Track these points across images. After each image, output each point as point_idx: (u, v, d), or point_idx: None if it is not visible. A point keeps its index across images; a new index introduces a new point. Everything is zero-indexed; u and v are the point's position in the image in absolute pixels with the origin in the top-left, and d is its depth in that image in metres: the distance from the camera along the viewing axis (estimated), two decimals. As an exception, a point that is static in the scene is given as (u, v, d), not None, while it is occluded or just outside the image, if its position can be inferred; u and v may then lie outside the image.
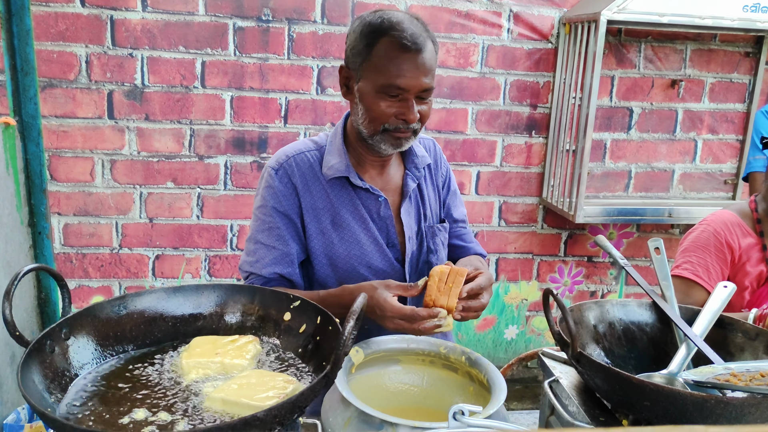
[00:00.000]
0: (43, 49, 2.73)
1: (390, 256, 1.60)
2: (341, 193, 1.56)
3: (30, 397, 0.86)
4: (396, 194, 1.64)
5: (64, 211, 2.92)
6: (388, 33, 1.41)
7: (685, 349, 1.27)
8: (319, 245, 1.56)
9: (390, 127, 1.47)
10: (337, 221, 1.56)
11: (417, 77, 1.42)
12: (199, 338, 1.14)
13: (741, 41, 3.28)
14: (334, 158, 1.56)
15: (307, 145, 1.61)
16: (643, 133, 3.35)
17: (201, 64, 2.89)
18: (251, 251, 1.57)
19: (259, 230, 1.57)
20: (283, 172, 1.56)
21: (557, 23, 3.13)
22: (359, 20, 1.48)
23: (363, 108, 1.48)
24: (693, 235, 1.92)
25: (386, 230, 1.60)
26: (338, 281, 1.56)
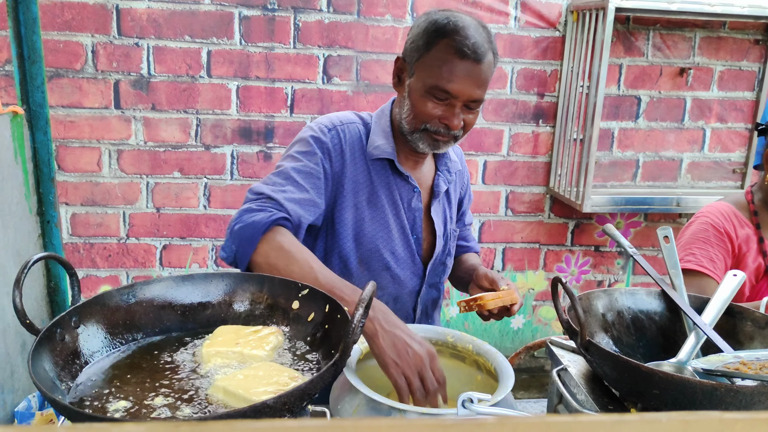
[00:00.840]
0: (50, 38, 2.73)
1: (413, 248, 1.60)
2: (381, 174, 1.55)
3: (41, 384, 0.87)
4: (426, 192, 1.64)
5: (71, 201, 2.93)
6: (450, 35, 1.39)
7: (695, 337, 1.27)
8: (349, 218, 1.53)
9: (431, 128, 1.46)
10: (373, 200, 1.55)
11: (469, 86, 1.40)
12: (223, 327, 1.14)
13: (750, 29, 3.25)
14: (380, 139, 1.54)
15: (353, 117, 1.58)
16: (651, 121, 3.33)
17: (207, 53, 2.88)
18: (278, 182, 1.45)
19: (296, 170, 1.46)
20: (335, 133, 1.52)
21: (565, 11, 3.10)
22: (426, 16, 1.46)
23: (409, 103, 1.47)
24: (691, 228, 1.88)
25: (413, 221, 1.60)
26: (359, 259, 1.55)
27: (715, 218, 1.85)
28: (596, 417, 0.40)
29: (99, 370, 1.03)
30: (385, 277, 1.58)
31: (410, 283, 1.62)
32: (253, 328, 1.13)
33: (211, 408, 0.94)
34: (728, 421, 0.41)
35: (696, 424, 0.41)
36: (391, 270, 1.58)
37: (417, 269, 1.62)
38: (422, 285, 1.65)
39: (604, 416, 0.40)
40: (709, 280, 1.77)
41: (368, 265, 1.56)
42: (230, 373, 1.01)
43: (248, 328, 1.13)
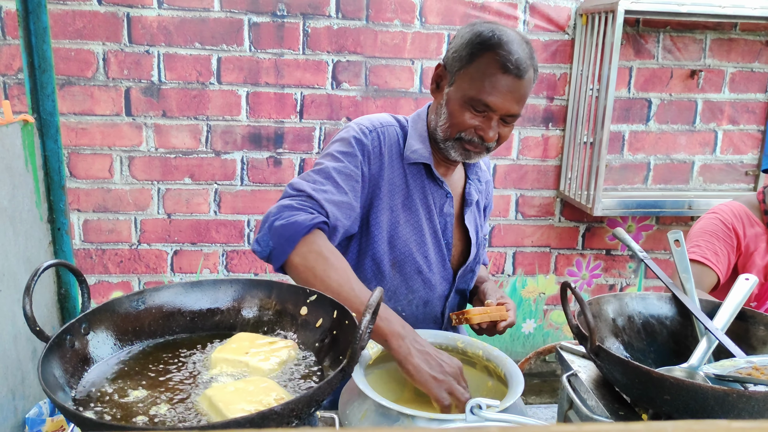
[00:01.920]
0: (61, 47, 2.76)
1: (444, 253, 1.61)
2: (417, 178, 1.56)
3: (50, 391, 0.87)
4: (457, 199, 1.66)
5: (83, 207, 2.95)
6: (494, 49, 1.40)
7: (706, 342, 1.26)
8: (385, 220, 1.53)
9: (465, 138, 1.47)
10: (408, 203, 1.55)
11: (508, 101, 1.41)
12: (242, 334, 1.14)
13: (762, 30, 3.23)
14: (417, 143, 1.55)
15: (391, 120, 1.59)
16: (662, 124, 3.31)
17: (217, 60, 2.90)
18: (319, 181, 1.43)
19: (337, 170, 1.45)
20: (376, 135, 1.52)
21: (574, 14, 3.10)
22: (470, 27, 1.47)
23: (446, 111, 1.48)
24: (700, 223, 1.94)
25: (444, 227, 1.61)
26: (392, 262, 1.56)
27: (724, 215, 1.91)
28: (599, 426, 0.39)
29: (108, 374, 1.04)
30: (417, 281, 1.59)
31: (440, 287, 1.63)
32: (269, 339, 1.11)
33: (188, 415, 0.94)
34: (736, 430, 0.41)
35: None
36: (423, 274, 1.59)
37: (447, 274, 1.64)
38: (451, 290, 1.66)
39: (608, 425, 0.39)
40: (709, 272, 1.83)
41: (401, 268, 1.57)
42: (226, 383, 1.00)
43: (265, 338, 1.12)
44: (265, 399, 0.93)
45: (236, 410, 0.90)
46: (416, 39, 3.00)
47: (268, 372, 1.03)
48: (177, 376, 1.04)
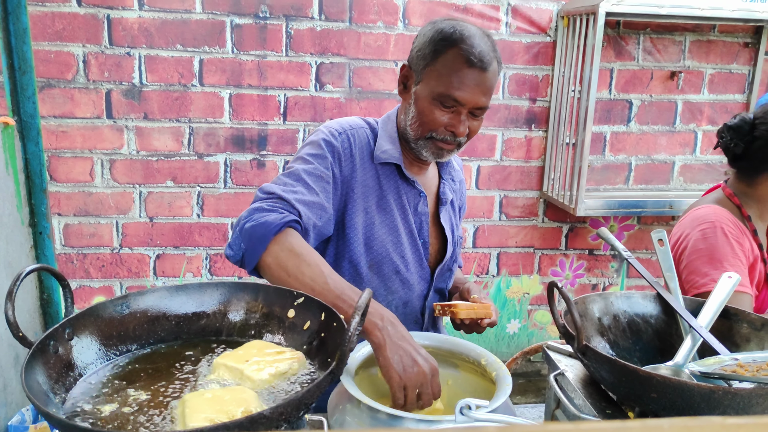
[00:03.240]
0: (41, 49, 2.72)
1: (421, 252, 1.62)
2: (389, 179, 1.57)
3: (34, 397, 0.86)
4: (431, 198, 1.67)
5: (64, 211, 2.91)
6: (457, 44, 1.42)
7: (691, 340, 1.27)
8: (359, 222, 1.54)
9: (437, 137, 1.48)
10: (382, 204, 1.56)
11: (476, 94, 1.43)
12: (254, 342, 1.12)
13: (740, 31, 3.27)
14: (387, 144, 1.56)
15: (361, 123, 1.60)
16: (643, 125, 3.34)
17: (199, 62, 2.88)
18: (289, 183, 1.44)
19: (307, 172, 1.46)
20: (346, 137, 1.53)
21: (555, 16, 3.12)
22: (432, 25, 1.48)
23: (415, 111, 1.49)
24: (708, 241, 1.72)
25: (420, 226, 1.61)
26: (370, 263, 1.56)
27: (729, 229, 1.73)
28: (597, 424, 0.39)
29: (96, 381, 1.02)
30: (395, 281, 1.59)
31: (418, 287, 1.64)
32: (278, 349, 1.08)
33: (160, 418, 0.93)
34: (731, 427, 0.41)
35: (698, 430, 0.40)
36: (401, 274, 1.59)
37: (425, 273, 1.64)
38: (430, 289, 1.66)
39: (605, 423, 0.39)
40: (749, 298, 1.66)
41: (379, 270, 1.57)
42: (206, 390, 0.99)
43: (274, 348, 1.09)
44: (233, 410, 0.90)
45: (198, 419, 0.88)
46: (399, 41, 3.01)
47: (259, 383, 1.00)
48: (175, 378, 1.03)
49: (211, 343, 1.16)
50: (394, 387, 1.16)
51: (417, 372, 1.17)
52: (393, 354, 1.18)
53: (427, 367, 1.18)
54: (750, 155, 1.78)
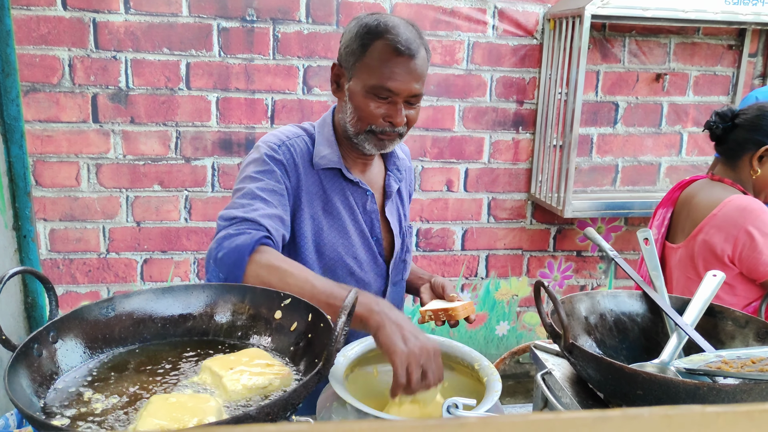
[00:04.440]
0: (26, 53, 2.70)
1: (375, 250, 1.62)
2: (333, 183, 1.57)
3: (18, 401, 0.85)
4: (378, 193, 1.67)
5: (50, 216, 2.89)
6: (383, 36, 1.43)
7: (676, 338, 1.28)
8: (308, 229, 1.54)
9: (376, 129, 1.49)
10: (328, 209, 1.57)
11: (408, 82, 1.44)
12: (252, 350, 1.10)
13: (724, 34, 3.31)
14: (325, 149, 1.57)
15: (297, 131, 1.60)
16: (629, 127, 3.37)
17: (186, 65, 2.87)
18: (245, 203, 1.43)
19: (260, 189, 1.46)
20: (286, 149, 1.54)
21: (542, 19, 3.14)
22: (356, 21, 1.50)
23: (351, 107, 1.50)
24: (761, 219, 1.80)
25: (371, 224, 1.62)
26: (323, 268, 1.56)
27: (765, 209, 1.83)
28: (579, 414, 0.40)
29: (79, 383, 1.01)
30: (351, 283, 1.59)
31: (375, 284, 1.64)
32: (270, 361, 1.06)
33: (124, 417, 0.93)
34: (710, 415, 0.41)
35: (678, 418, 0.41)
36: (356, 275, 1.60)
37: (380, 270, 1.65)
38: (387, 285, 1.67)
39: (586, 413, 0.39)
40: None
41: (333, 273, 1.57)
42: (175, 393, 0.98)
43: (266, 359, 1.06)
44: (187, 419, 0.89)
45: (149, 423, 0.87)
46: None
47: (232, 393, 0.98)
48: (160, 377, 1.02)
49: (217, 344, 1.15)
50: (396, 363, 1.12)
51: (420, 346, 1.13)
52: (393, 332, 1.15)
53: (429, 345, 1.15)
54: (730, 141, 1.96)
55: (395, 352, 1.13)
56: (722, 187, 1.96)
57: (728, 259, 1.83)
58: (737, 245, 1.82)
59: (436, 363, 1.16)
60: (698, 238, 1.90)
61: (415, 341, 1.14)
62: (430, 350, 1.15)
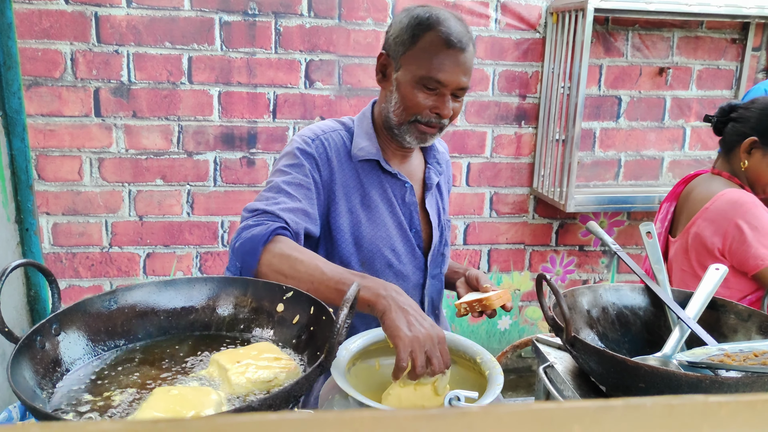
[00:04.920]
0: (27, 47, 2.70)
1: (413, 242, 1.63)
2: (371, 175, 1.58)
3: (21, 393, 0.85)
4: (418, 185, 1.68)
5: (52, 210, 2.89)
6: (434, 28, 1.45)
7: (679, 331, 1.28)
8: (346, 223, 1.55)
9: (422, 119, 1.50)
10: (366, 201, 1.57)
11: (457, 74, 1.46)
12: (263, 344, 1.10)
13: (727, 28, 3.29)
14: (364, 141, 1.58)
15: (335, 125, 1.62)
16: (632, 121, 3.36)
17: (188, 59, 2.87)
18: (271, 196, 1.47)
19: (286, 182, 1.49)
20: (320, 143, 1.55)
21: (544, 12, 3.13)
22: (406, 12, 1.52)
23: (398, 97, 1.51)
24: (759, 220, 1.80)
25: (410, 216, 1.63)
26: (361, 261, 1.57)
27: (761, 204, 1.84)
28: (581, 403, 0.39)
29: (85, 374, 1.01)
30: (389, 275, 1.60)
31: (413, 276, 1.65)
32: (278, 354, 1.06)
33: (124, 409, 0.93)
34: (713, 405, 0.41)
35: (681, 408, 0.41)
36: (394, 267, 1.60)
37: (419, 262, 1.65)
38: (426, 277, 1.67)
39: (588, 402, 0.39)
40: None
41: (371, 266, 1.58)
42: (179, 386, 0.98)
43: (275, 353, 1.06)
44: (184, 411, 0.89)
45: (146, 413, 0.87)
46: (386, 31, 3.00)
47: (236, 387, 0.98)
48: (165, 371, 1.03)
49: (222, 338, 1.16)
50: (400, 348, 1.13)
51: (424, 333, 1.14)
52: (398, 317, 1.16)
53: (434, 331, 1.16)
54: (726, 134, 2.00)
55: (399, 336, 1.14)
56: (720, 181, 1.98)
57: (719, 252, 1.85)
58: (727, 238, 1.84)
59: (442, 350, 1.17)
60: (691, 231, 1.94)
61: (419, 327, 1.15)
62: (434, 336, 1.16)
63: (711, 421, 0.41)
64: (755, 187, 1.95)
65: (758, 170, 1.91)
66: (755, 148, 1.91)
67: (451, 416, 0.40)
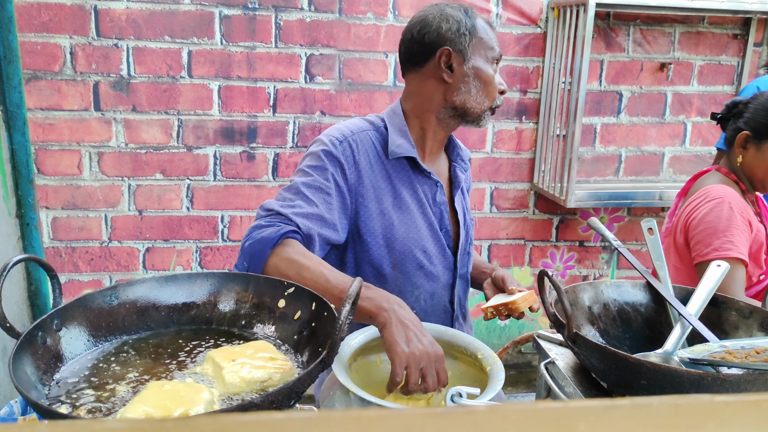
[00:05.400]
0: (27, 40, 2.69)
1: (443, 242, 1.62)
2: (402, 174, 1.57)
3: (23, 388, 0.85)
4: (445, 184, 1.67)
5: (52, 204, 2.89)
6: (478, 15, 1.59)
7: (680, 328, 1.28)
8: (378, 225, 1.54)
9: (498, 102, 1.59)
10: (398, 202, 1.56)
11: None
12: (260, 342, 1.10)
13: (729, 23, 3.29)
14: (399, 138, 1.57)
15: (363, 125, 1.60)
16: (633, 116, 3.35)
17: (187, 53, 2.86)
18: (288, 198, 1.46)
19: (306, 185, 1.48)
20: (347, 145, 1.53)
21: (546, 8, 3.12)
22: (451, 7, 1.59)
23: (479, 83, 1.55)
24: (717, 212, 1.83)
25: (440, 216, 1.62)
26: (392, 263, 1.55)
27: (736, 204, 1.85)
28: (588, 402, 0.39)
29: (85, 370, 1.01)
30: (420, 276, 1.59)
31: (443, 276, 1.64)
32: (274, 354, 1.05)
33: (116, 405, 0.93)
34: (719, 404, 0.41)
35: (687, 407, 0.40)
36: (425, 268, 1.59)
37: (448, 263, 1.64)
38: (455, 278, 1.66)
39: (595, 401, 0.39)
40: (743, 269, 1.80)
41: (402, 268, 1.56)
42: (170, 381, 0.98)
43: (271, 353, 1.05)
44: (173, 408, 0.88)
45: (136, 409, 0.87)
46: (390, 32, 3.00)
47: (229, 386, 0.98)
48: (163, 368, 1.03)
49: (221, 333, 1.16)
50: (395, 363, 1.14)
51: (422, 349, 1.15)
52: (398, 331, 1.17)
53: (431, 349, 1.17)
54: (726, 130, 2.02)
55: (396, 351, 1.15)
56: (717, 177, 2.00)
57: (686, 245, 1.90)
58: (688, 231, 1.89)
59: (438, 368, 1.17)
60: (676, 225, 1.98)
61: (417, 344, 1.16)
62: (432, 355, 1.17)
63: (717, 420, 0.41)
64: (753, 183, 1.95)
65: (752, 165, 1.92)
66: (749, 142, 1.91)
67: (457, 414, 0.39)
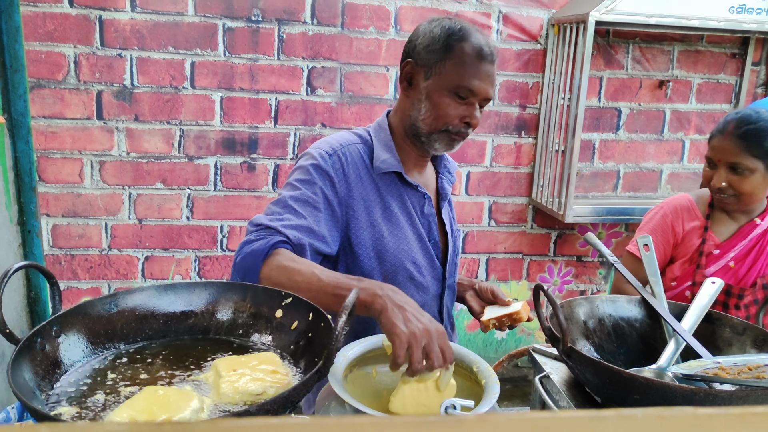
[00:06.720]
0: (32, 49, 2.72)
1: (432, 253, 1.63)
2: (390, 187, 1.58)
3: (21, 394, 0.86)
4: (433, 196, 1.69)
5: (52, 212, 2.90)
6: (468, 39, 1.49)
7: (674, 344, 1.29)
8: (368, 237, 1.54)
9: (452, 129, 1.51)
10: (387, 215, 1.57)
11: (487, 85, 1.49)
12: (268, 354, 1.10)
13: (727, 42, 3.32)
14: (384, 153, 1.57)
15: (352, 138, 1.60)
16: (632, 133, 3.37)
17: (190, 64, 2.88)
18: (276, 211, 1.47)
19: (294, 198, 1.48)
20: (336, 158, 1.53)
21: (546, 24, 3.15)
22: (436, 22, 1.53)
23: (429, 105, 1.51)
24: (648, 216, 2.06)
25: (429, 227, 1.63)
26: (383, 275, 1.56)
27: (667, 211, 2.01)
28: (575, 413, 0.40)
29: (83, 378, 1.02)
30: (410, 287, 1.59)
31: (432, 287, 1.65)
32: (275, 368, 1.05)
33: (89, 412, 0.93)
34: (703, 417, 0.42)
35: (672, 419, 0.41)
36: (415, 279, 1.60)
37: (437, 273, 1.65)
38: (444, 288, 1.68)
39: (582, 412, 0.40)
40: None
41: (393, 279, 1.57)
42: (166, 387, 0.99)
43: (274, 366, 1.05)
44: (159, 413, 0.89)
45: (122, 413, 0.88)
46: (391, 46, 3.03)
47: (222, 396, 0.98)
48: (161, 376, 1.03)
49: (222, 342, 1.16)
50: (396, 345, 1.11)
51: (422, 328, 1.13)
52: (395, 314, 1.15)
53: (432, 326, 1.14)
54: None
55: (395, 333, 1.12)
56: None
57: None
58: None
59: (442, 344, 1.14)
60: None
61: (417, 323, 1.14)
62: (433, 331, 1.14)
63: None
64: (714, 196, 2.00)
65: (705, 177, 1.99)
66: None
67: (448, 424, 0.40)
